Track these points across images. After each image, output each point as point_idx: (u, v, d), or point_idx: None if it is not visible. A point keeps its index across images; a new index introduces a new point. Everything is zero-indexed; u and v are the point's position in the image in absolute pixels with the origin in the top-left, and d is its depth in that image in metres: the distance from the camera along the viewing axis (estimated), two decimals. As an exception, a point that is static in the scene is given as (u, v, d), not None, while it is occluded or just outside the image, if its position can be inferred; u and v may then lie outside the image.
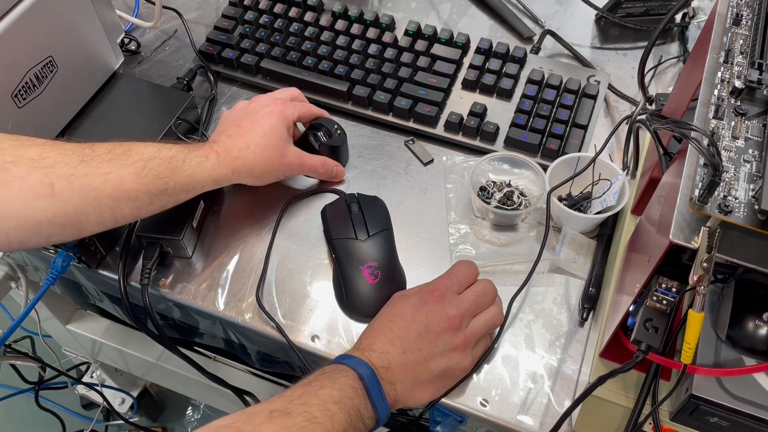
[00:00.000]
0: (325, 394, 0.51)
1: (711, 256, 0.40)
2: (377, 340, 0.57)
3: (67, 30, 0.71)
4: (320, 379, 0.53)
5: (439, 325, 0.57)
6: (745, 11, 0.51)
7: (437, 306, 0.58)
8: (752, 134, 0.45)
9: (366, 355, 0.56)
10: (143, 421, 1.43)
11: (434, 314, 0.57)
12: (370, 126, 0.81)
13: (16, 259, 0.81)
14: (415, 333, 0.57)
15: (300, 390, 0.52)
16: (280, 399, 0.51)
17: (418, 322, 0.57)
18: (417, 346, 0.56)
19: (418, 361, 0.56)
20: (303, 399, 0.50)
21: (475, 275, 0.62)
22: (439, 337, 0.57)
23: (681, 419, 0.50)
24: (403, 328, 0.57)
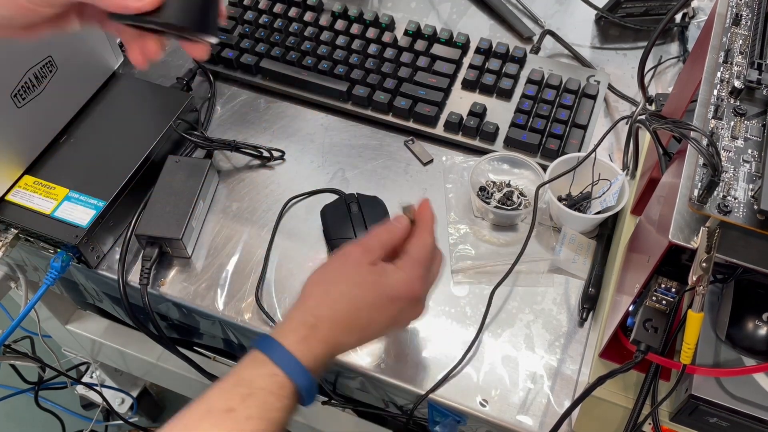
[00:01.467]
0: (249, 430, 0.45)
1: (710, 257, 0.40)
2: (337, 338, 0.50)
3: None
4: (247, 406, 0.45)
5: (409, 316, 0.54)
6: (744, 11, 0.51)
7: (410, 309, 0.53)
8: (751, 134, 0.44)
9: (313, 351, 0.48)
10: (143, 421, 1.43)
11: (406, 313, 0.53)
12: (370, 126, 0.81)
13: (15, 259, 0.81)
14: (382, 325, 0.52)
15: (220, 428, 0.44)
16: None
17: (388, 317, 0.51)
18: (373, 325, 0.52)
19: (368, 333, 0.52)
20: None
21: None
22: (402, 313, 0.53)
23: (680, 419, 0.50)
24: (367, 320, 0.51)
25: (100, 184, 0.69)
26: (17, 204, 0.68)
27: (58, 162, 0.72)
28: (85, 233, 0.66)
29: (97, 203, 0.68)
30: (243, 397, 0.45)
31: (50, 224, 0.67)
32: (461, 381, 0.62)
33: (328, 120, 0.81)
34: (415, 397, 0.62)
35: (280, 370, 0.46)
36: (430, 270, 0.54)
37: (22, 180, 0.70)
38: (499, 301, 0.66)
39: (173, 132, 0.75)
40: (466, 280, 0.68)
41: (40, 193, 0.69)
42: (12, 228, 0.68)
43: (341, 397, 0.71)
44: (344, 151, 0.79)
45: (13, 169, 0.70)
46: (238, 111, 0.83)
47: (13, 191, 0.69)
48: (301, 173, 0.77)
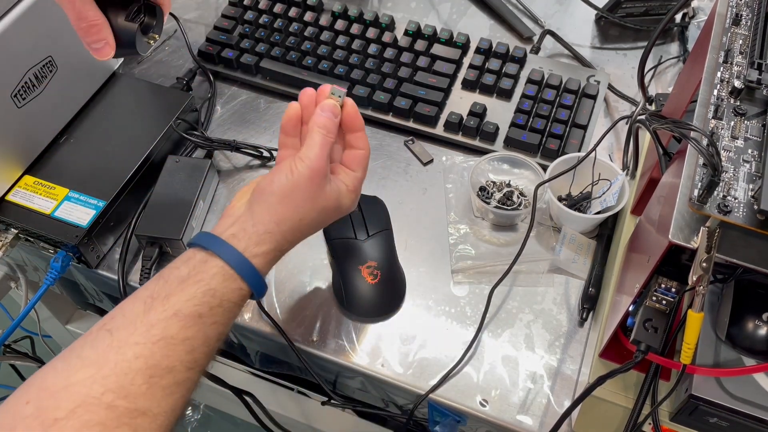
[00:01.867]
0: (213, 335, 0.49)
1: (710, 256, 0.40)
2: (285, 236, 0.53)
3: (66, 30, 0.70)
4: (214, 314, 0.49)
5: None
6: (744, 11, 0.51)
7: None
8: (751, 134, 0.44)
9: (270, 256, 0.53)
10: (143, 421, 1.43)
11: (336, 217, 0.57)
12: (370, 126, 0.81)
13: (15, 259, 0.81)
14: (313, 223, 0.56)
15: (186, 332, 0.47)
16: (160, 346, 0.46)
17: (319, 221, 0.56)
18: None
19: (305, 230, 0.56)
20: (188, 346, 0.46)
21: None
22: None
23: (680, 419, 0.50)
24: (318, 228, 0.57)
25: (100, 184, 0.69)
26: (17, 204, 0.68)
27: (58, 162, 0.72)
28: (85, 233, 0.66)
29: (97, 203, 0.68)
30: (212, 306, 0.48)
31: (50, 224, 0.67)
32: (461, 381, 0.62)
33: (328, 120, 0.81)
34: (415, 397, 0.62)
35: (248, 286, 0.50)
36: None
37: (22, 180, 0.70)
38: (499, 301, 0.66)
39: (173, 132, 0.75)
40: (466, 280, 0.68)
41: (40, 193, 0.69)
42: (12, 228, 0.68)
43: (341, 397, 0.71)
44: (344, 151, 0.78)
45: (13, 169, 0.70)
46: (238, 111, 0.83)
47: (13, 191, 0.69)
48: (301, 173, 0.77)
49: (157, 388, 0.44)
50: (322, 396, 0.86)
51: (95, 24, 0.52)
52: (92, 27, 0.52)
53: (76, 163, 0.72)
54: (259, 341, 0.68)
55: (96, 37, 0.53)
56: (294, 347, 0.64)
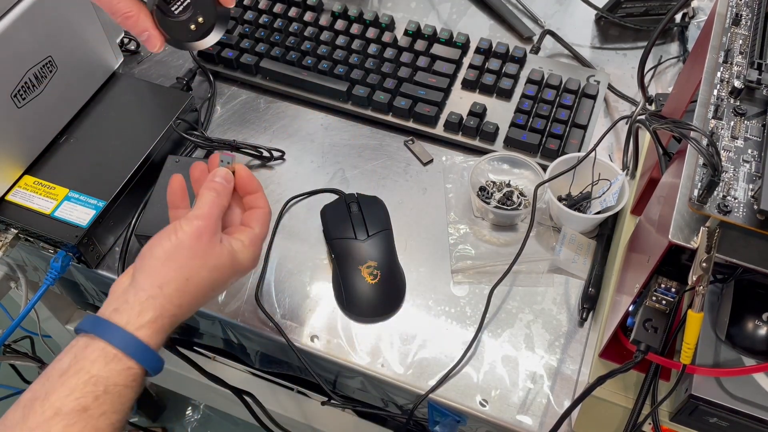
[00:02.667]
0: (105, 425, 0.45)
1: (710, 256, 0.40)
2: (186, 316, 0.50)
3: (66, 30, 0.71)
4: (100, 403, 0.45)
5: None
6: (744, 11, 0.51)
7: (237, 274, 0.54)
8: (751, 134, 0.44)
9: (158, 337, 0.48)
10: (143, 421, 1.43)
11: (235, 276, 0.54)
12: (370, 126, 0.81)
13: (15, 259, 0.81)
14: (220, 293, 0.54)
15: (74, 428, 0.44)
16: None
17: (227, 286, 0.54)
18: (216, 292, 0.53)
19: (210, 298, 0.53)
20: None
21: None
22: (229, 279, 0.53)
23: (680, 419, 0.50)
24: (214, 292, 0.53)
25: (100, 184, 0.69)
26: (17, 204, 0.68)
27: (58, 162, 0.72)
28: (85, 233, 0.66)
29: (97, 203, 0.68)
30: (96, 396, 0.45)
31: (50, 224, 0.67)
32: (461, 381, 0.62)
33: (328, 120, 0.81)
34: (415, 397, 0.62)
35: (136, 363, 0.46)
36: None
37: (22, 180, 0.70)
38: (498, 301, 0.66)
39: (173, 132, 0.75)
40: (466, 280, 0.68)
41: (40, 193, 0.69)
42: (12, 228, 0.68)
43: (341, 397, 0.71)
44: (344, 151, 0.79)
45: (13, 169, 0.70)
46: (238, 111, 0.83)
47: (13, 191, 0.69)
48: (301, 173, 0.77)
49: None
50: (322, 396, 0.86)
51: (129, 16, 0.49)
52: (127, 19, 0.49)
53: (76, 163, 0.72)
54: (259, 341, 0.68)
55: (136, 30, 0.50)
56: (294, 347, 0.64)
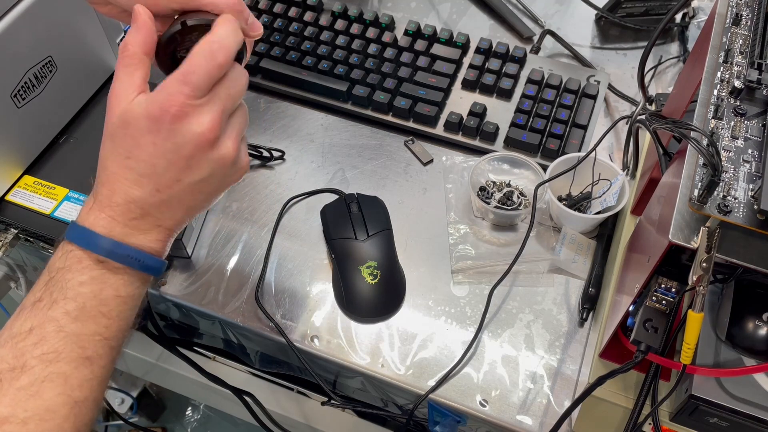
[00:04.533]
0: (59, 314, 0.43)
1: (710, 257, 0.40)
2: (118, 188, 0.44)
3: (66, 30, 0.71)
4: (50, 292, 0.43)
5: (191, 146, 0.44)
6: (744, 11, 0.51)
7: (179, 125, 0.43)
8: (751, 134, 0.44)
9: (105, 214, 0.44)
10: (143, 421, 1.43)
11: (180, 136, 0.43)
12: (370, 126, 0.81)
13: (15, 259, 0.81)
14: (164, 164, 0.44)
15: (28, 322, 0.43)
16: (8, 348, 0.42)
17: (164, 151, 0.43)
18: (172, 177, 0.44)
19: (182, 191, 0.45)
20: (35, 337, 0.42)
21: (222, 62, 0.44)
22: (197, 158, 0.44)
23: (681, 419, 0.50)
24: (146, 163, 0.44)
25: (100, 184, 0.69)
26: (17, 204, 0.68)
27: (58, 162, 0.72)
28: (85, 233, 0.66)
29: (97, 203, 0.68)
30: (45, 283, 0.44)
31: (50, 224, 0.67)
32: (461, 381, 0.62)
33: (328, 120, 0.81)
34: (415, 397, 0.62)
35: (72, 244, 0.44)
36: (216, 90, 0.44)
37: (22, 180, 0.70)
38: (499, 301, 0.66)
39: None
40: (466, 280, 0.68)
41: (40, 193, 0.69)
42: (12, 228, 0.68)
43: (341, 397, 0.71)
44: (344, 151, 0.79)
45: (13, 169, 0.70)
46: (238, 111, 0.82)
47: (13, 191, 0.69)
48: (301, 173, 0.77)
49: (12, 391, 0.41)
50: (322, 396, 0.86)
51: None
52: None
53: (76, 163, 0.72)
54: (259, 341, 0.68)
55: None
56: (294, 347, 0.64)
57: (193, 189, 0.46)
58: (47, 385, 0.42)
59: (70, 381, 0.43)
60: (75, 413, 0.43)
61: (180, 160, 0.44)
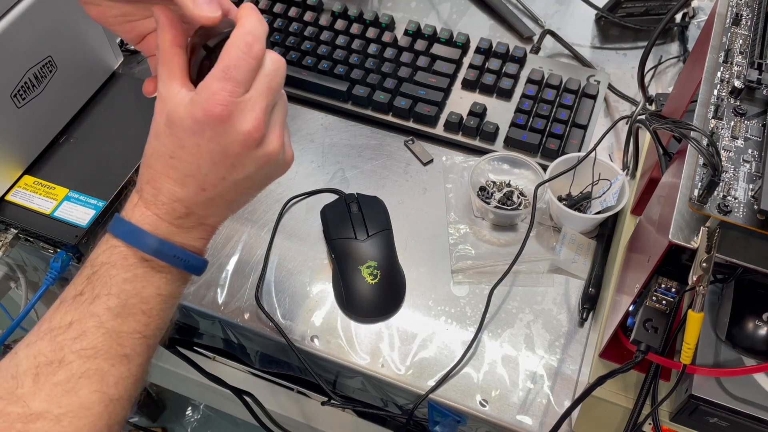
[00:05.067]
0: (101, 309, 0.42)
1: (710, 256, 0.40)
2: (163, 186, 0.44)
3: (66, 30, 0.71)
4: (92, 286, 0.43)
5: (236, 145, 0.43)
6: (744, 11, 0.51)
7: (224, 126, 0.42)
8: (752, 134, 0.44)
9: (151, 212, 0.44)
10: (143, 421, 1.43)
11: (225, 137, 0.42)
12: (370, 126, 0.81)
13: (15, 259, 0.81)
14: (208, 164, 0.43)
15: (68, 316, 0.42)
16: (46, 340, 0.42)
17: (208, 152, 0.43)
18: (217, 175, 0.44)
19: (226, 189, 0.45)
20: (75, 331, 0.42)
21: (259, 54, 0.42)
22: (243, 156, 0.44)
23: (681, 419, 0.50)
24: (190, 163, 0.43)
25: (100, 184, 0.69)
26: (17, 204, 0.68)
27: (58, 162, 0.72)
28: (84, 233, 0.66)
29: (96, 203, 0.68)
30: (88, 277, 0.43)
31: (50, 224, 0.67)
32: (461, 381, 0.62)
33: (328, 120, 0.81)
34: (415, 397, 0.62)
35: (119, 240, 0.44)
36: (256, 80, 0.43)
37: (21, 180, 0.70)
38: (499, 301, 0.66)
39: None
40: (466, 280, 0.68)
41: (39, 193, 0.69)
42: (12, 228, 0.68)
43: (341, 397, 0.71)
44: (344, 151, 0.79)
45: (13, 169, 0.70)
46: (238, 111, 0.82)
47: (13, 191, 0.69)
48: (301, 173, 0.77)
49: (48, 386, 0.40)
50: (322, 396, 0.86)
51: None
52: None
53: (76, 163, 0.72)
54: (259, 341, 0.68)
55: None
56: (294, 347, 0.64)
57: (238, 186, 0.45)
58: (84, 381, 0.41)
59: (107, 378, 0.42)
60: (109, 411, 0.43)
61: (225, 160, 0.43)
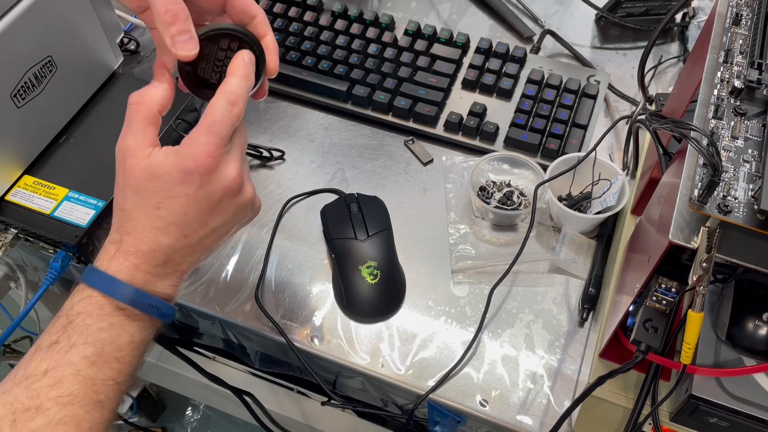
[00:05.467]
0: (77, 358, 0.44)
1: (710, 256, 0.40)
2: (145, 236, 0.46)
3: (66, 30, 0.71)
4: (68, 335, 0.44)
5: (221, 193, 0.46)
6: (744, 11, 0.51)
7: (211, 175, 0.45)
8: (752, 134, 0.44)
9: (130, 262, 0.46)
10: (143, 421, 1.43)
11: (212, 185, 0.46)
12: (370, 126, 0.81)
13: (15, 259, 0.81)
14: (194, 211, 0.46)
15: (44, 363, 0.43)
16: (22, 387, 0.43)
17: (195, 199, 0.46)
18: (201, 222, 0.47)
19: (206, 234, 0.48)
20: (51, 379, 0.43)
21: (240, 112, 0.46)
22: (224, 203, 0.47)
23: (681, 419, 0.50)
24: (177, 212, 0.46)
25: (100, 184, 0.69)
26: (17, 204, 0.68)
27: (57, 162, 0.72)
28: (84, 233, 0.66)
29: (96, 203, 0.68)
30: (63, 327, 0.45)
31: (50, 224, 0.67)
32: (461, 381, 0.62)
33: (328, 120, 0.81)
34: (415, 397, 0.62)
35: (94, 290, 0.45)
36: (231, 137, 0.47)
37: (21, 180, 0.70)
38: (499, 301, 0.66)
39: (173, 132, 0.75)
40: (466, 280, 0.68)
41: (39, 193, 0.69)
42: (12, 228, 0.68)
43: (341, 397, 0.71)
44: (344, 151, 0.79)
45: (13, 169, 0.70)
46: (238, 111, 0.82)
47: (12, 191, 0.69)
48: (301, 173, 0.77)
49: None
50: (322, 396, 0.86)
51: (184, 10, 0.45)
52: (182, 11, 0.45)
53: (76, 163, 0.72)
54: (259, 341, 0.68)
55: (182, 26, 0.45)
56: (294, 347, 0.64)
57: (216, 232, 0.48)
58: (60, 428, 0.43)
59: (82, 424, 0.44)
60: None
61: (209, 206, 0.47)
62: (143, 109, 0.47)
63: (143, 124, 0.46)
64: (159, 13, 0.45)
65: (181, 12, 0.45)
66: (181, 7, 0.45)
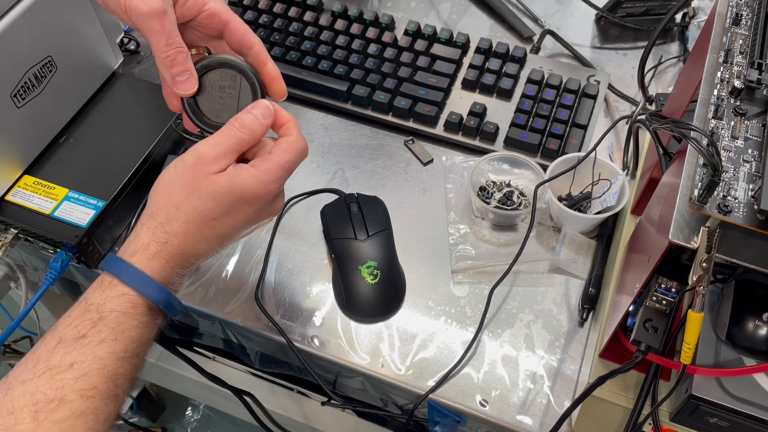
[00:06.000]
0: (106, 353, 0.45)
1: (710, 257, 0.40)
2: (189, 241, 0.48)
3: (66, 30, 0.71)
4: (98, 330, 0.45)
5: (267, 214, 0.52)
6: (744, 11, 0.51)
7: (272, 204, 0.51)
8: (752, 134, 0.44)
9: (168, 264, 0.48)
10: (143, 421, 1.43)
11: (266, 209, 0.51)
12: (370, 126, 0.81)
13: (15, 259, 0.81)
14: (241, 226, 0.51)
15: (69, 356, 0.44)
16: (45, 379, 0.43)
17: (247, 218, 0.50)
18: (238, 234, 0.51)
19: (231, 240, 0.52)
20: (76, 371, 0.43)
21: (300, 161, 0.51)
22: (265, 219, 0.52)
23: (681, 419, 0.50)
24: (230, 225, 0.50)
25: (100, 184, 0.69)
26: (17, 204, 0.68)
27: (57, 162, 0.72)
28: (84, 233, 0.66)
29: (96, 203, 0.68)
30: (93, 322, 0.45)
31: (50, 224, 0.67)
32: (461, 381, 0.62)
33: (328, 120, 0.81)
34: (415, 397, 0.62)
35: (131, 289, 0.46)
36: (293, 168, 0.51)
37: (21, 180, 0.70)
38: (499, 301, 0.66)
39: (173, 132, 0.75)
40: (466, 280, 0.68)
41: (39, 193, 0.69)
42: (12, 228, 0.68)
43: (341, 397, 0.71)
44: (344, 151, 0.79)
45: (13, 169, 0.70)
46: (238, 111, 0.82)
47: (12, 191, 0.69)
48: (301, 173, 0.77)
49: (47, 423, 0.42)
50: (321, 396, 0.86)
51: (182, 51, 0.49)
52: (179, 54, 0.49)
53: (76, 163, 0.72)
54: (259, 341, 0.68)
55: (181, 68, 0.49)
56: (294, 347, 0.64)
57: (238, 236, 0.52)
58: (81, 420, 0.43)
59: (100, 416, 0.45)
60: None
61: (251, 223, 0.51)
62: (247, 139, 0.49)
63: (240, 146, 0.49)
64: (159, 58, 0.48)
65: (178, 55, 0.49)
66: (178, 50, 0.48)
